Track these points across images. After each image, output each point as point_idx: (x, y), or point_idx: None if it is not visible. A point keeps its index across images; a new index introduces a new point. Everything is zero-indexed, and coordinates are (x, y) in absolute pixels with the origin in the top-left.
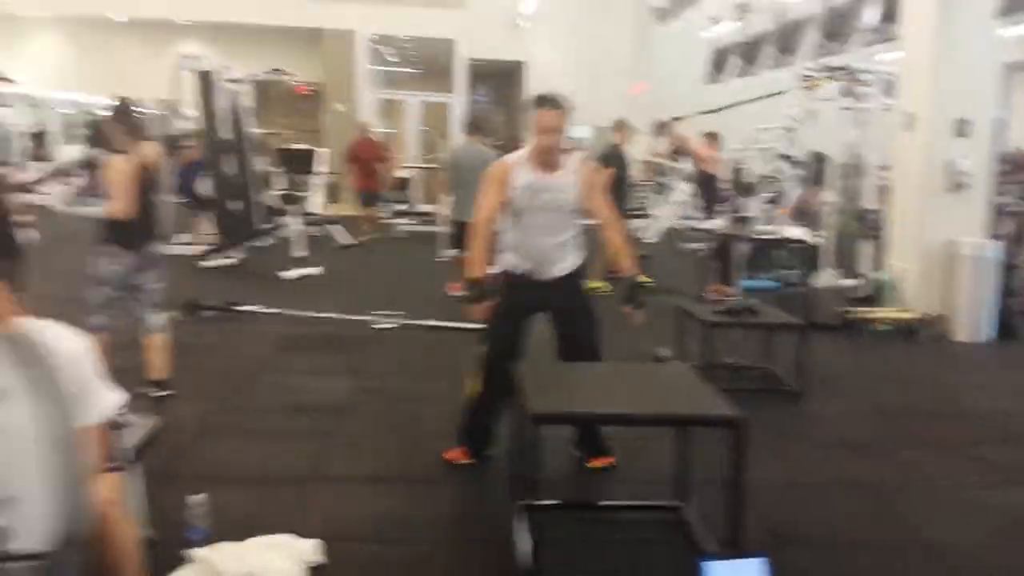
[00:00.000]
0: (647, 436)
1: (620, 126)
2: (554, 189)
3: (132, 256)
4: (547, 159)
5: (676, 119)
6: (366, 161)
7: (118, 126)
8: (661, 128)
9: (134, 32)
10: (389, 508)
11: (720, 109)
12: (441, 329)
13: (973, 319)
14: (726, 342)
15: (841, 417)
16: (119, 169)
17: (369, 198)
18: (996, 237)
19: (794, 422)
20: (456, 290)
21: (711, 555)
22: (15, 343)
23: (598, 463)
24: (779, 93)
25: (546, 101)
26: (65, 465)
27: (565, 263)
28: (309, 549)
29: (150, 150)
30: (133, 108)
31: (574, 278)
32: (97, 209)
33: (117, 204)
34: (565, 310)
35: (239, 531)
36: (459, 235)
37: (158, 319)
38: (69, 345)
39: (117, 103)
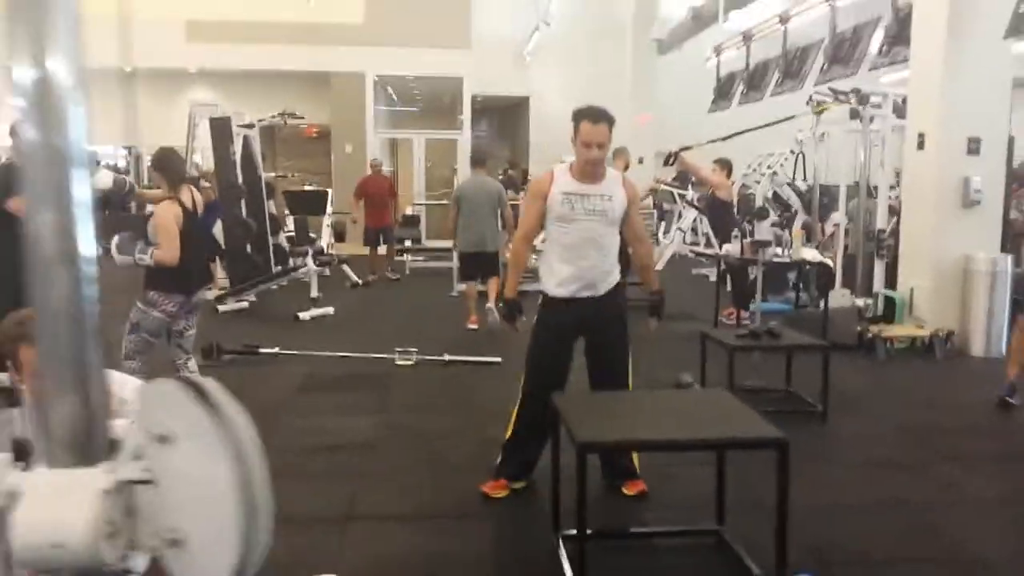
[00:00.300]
0: (678, 462)
1: (620, 154)
2: (597, 196)
3: (180, 302)
4: (590, 172)
5: (686, 148)
6: (376, 197)
7: (161, 174)
8: (671, 158)
9: (145, 81)
10: (428, 545)
11: (730, 136)
12: (459, 363)
13: (988, 334)
14: (746, 365)
15: (868, 436)
16: (166, 216)
17: (382, 234)
18: (1009, 252)
19: (823, 443)
20: (474, 323)
21: None
22: (179, 388)
23: (634, 489)
24: (790, 117)
25: (591, 114)
26: (240, 507)
27: (608, 281)
28: None
29: (191, 195)
30: (174, 156)
31: (614, 295)
32: (145, 257)
33: (167, 252)
34: (601, 327)
35: (284, 573)
36: (467, 267)
37: (194, 365)
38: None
39: (158, 152)
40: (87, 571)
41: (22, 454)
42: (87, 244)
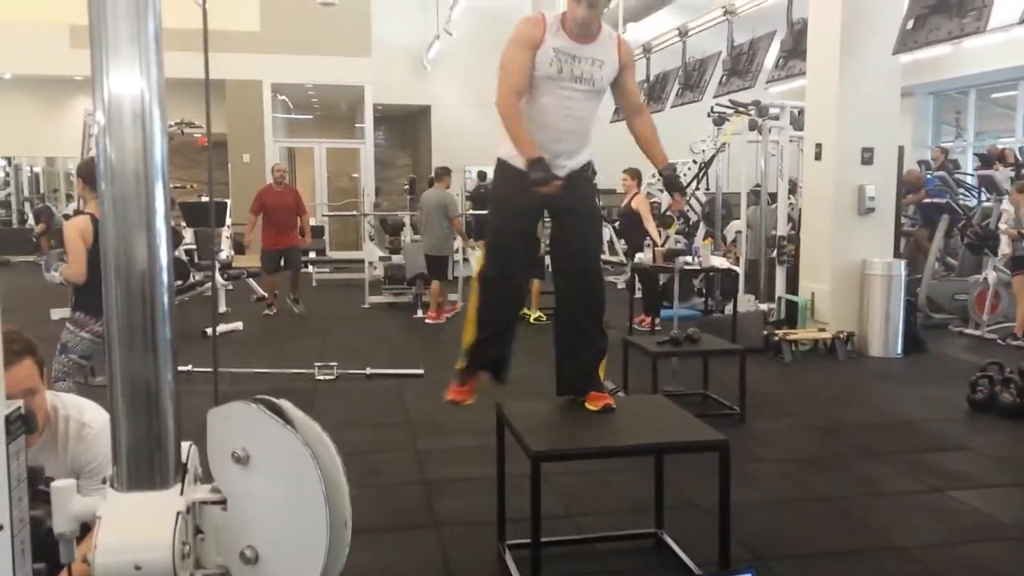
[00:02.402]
0: (614, 468)
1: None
2: (588, 60)
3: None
4: (584, 31)
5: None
6: (277, 212)
7: (88, 188)
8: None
9: (27, 89)
10: (374, 559)
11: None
12: (382, 376)
13: (885, 335)
14: (666, 371)
15: (786, 435)
16: (71, 231)
17: (284, 257)
18: (901, 256)
19: (744, 443)
20: (433, 319)
21: (704, 574)
22: (256, 410)
23: (599, 402)
24: (705, 141)
25: None
26: (328, 522)
27: (581, 155)
28: None
29: None
30: None
31: (584, 173)
32: (56, 275)
33: (71, 268)
34: (570, 204)
35: None
36: (430, 267)
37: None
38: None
39: (87, 161)
40: None
41: (35, 481)
42: (164, 260)
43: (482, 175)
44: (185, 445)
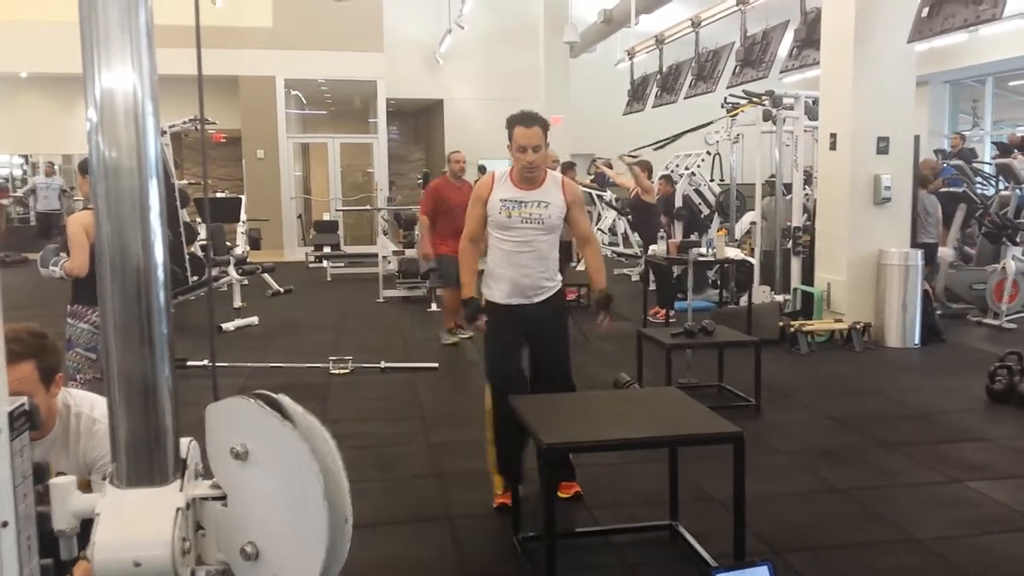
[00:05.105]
0: (627, 460)
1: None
2: (534, 203)
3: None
4: (529, 177)
5: (634, 156)
6: (458, 211)
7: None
8: (591, 167)
9: (40, 87)
10: (390, 551)
11: (659, 143)
12: (396, 370)
13: (903, 325)
14: (680, 362)
15: (802, 427)
16: (75, 225)
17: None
18: (918, 246)
19: (760, 435)
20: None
21: (719, 566)
22: (254, 405)
23: (570, 491)
24: (709, 123)
25: (523, 118)
26: (328, 518)
27: (544, 290)
28: None
29: None
30: None
31: (551, 303)
32: (56, 270)
33: (74, 262)
34: (543, 331)
35: None
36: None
37: None
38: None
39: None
40: None
41: (41, 478)
42: (159, 256)
43: (482, 169)
44: (185, 441)
